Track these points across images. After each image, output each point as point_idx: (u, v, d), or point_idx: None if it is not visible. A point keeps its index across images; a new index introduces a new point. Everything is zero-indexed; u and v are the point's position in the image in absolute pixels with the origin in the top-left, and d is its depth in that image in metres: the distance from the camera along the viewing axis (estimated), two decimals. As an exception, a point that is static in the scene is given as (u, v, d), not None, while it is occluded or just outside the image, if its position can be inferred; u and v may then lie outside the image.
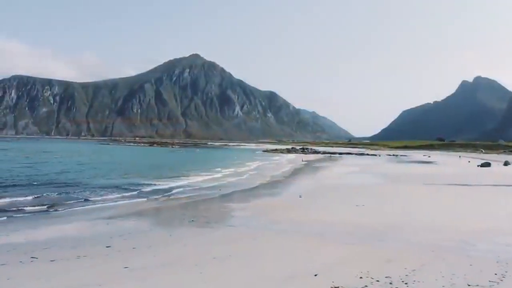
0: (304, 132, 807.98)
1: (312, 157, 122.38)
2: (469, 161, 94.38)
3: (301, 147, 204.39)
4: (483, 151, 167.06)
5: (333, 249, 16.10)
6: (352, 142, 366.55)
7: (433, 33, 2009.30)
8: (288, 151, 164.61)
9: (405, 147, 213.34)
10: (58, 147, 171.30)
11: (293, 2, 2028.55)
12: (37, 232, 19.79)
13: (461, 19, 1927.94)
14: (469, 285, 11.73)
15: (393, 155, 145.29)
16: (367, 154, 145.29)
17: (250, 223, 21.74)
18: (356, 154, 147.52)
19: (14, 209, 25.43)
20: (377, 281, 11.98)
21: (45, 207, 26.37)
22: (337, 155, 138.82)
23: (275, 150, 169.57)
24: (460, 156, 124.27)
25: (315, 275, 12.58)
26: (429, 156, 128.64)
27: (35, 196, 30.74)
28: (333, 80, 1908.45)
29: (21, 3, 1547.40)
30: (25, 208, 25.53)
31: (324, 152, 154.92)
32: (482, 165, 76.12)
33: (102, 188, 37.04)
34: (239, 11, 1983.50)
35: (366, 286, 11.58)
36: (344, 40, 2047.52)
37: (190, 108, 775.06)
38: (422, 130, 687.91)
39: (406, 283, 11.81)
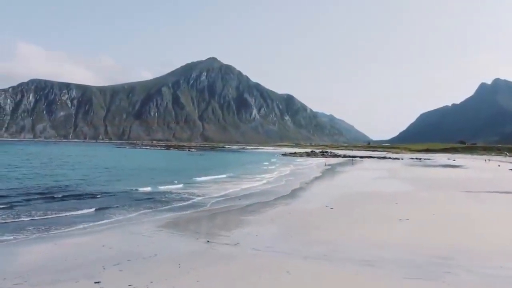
0: (322, 135, 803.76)
1: (333, 160, 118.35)
2: (498, 165, 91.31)
3: (320, 150, 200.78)
4: (508, 154, 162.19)
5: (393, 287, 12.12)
6: (371, 145, 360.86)
7: (451, 35, 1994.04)
8: (308, 154, 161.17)
9: (427, 150, 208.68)
10: (75, 151, 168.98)
11: (310, 6, 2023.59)
12: (18, 259, 16.11)
13: (480, 21, 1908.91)
14: None
15: (416, 158, 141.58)
16: (389, 158, 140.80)
17: (279, 246, 17.51)
18: (377, 157, 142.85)
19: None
20: None
21: (44, 227, 21.95)
22: (358, 158, 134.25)
23: (294, 154, 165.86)
24: (487, 160, 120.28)
25: None
26: (454, 160, 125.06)
27: (39, 211, 26.62)
28: (350, 83, 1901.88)
29: (38, 8, 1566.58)
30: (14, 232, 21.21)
31: (344, 156, 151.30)
32: (515, 169, 72.31)
33: (119, 198, 33.22)
34: (256, 14, 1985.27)
35: None
36: (361, 43, 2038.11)
37: (207, 111, 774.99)
38: (441, 133, 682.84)
39: None
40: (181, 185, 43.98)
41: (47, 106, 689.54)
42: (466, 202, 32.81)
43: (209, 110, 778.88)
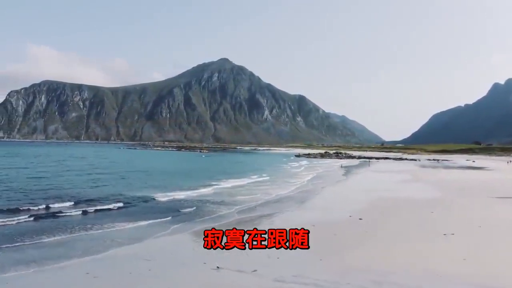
0: (334, 136, 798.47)
1: (349, 162, 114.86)
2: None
3: (334, 151, 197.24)
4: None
5: None
6: (385, 146, 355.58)
7: (464, 35, 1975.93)
8: (322, 155, 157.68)
9: (443, 151, 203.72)
10: (87, 152, 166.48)
11: (322, 8, 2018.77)
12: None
13: (494, 21, 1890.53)
14: None
15: (434, 159, 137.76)
16: (406, 159, 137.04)
17: (307, 274, 13.77)
18: (393, 158, 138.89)
19: None
20: None
21: (29, 249, 18.44)
22: (374, 160, 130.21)
23: (308, 155, 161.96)
24: (510, 162, 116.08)
25: None
26: (474, 161, 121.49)
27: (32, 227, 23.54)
28: (363, 84, 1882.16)
29: (49, 9, 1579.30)
30: None
31: (359, 157, 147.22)
32: (542, 171, 68.82)
33: (127, 209, 30.07)
34: (268, 15, 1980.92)
35: None
36: (374, 44, 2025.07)
37: (219, 112, 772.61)
38: (453, 134, 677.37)
39: None
40: (198, 192, 40.57)
41: (59, 107, 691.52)
42: (509, 210, 29.24)
43: (221, 111, 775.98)
